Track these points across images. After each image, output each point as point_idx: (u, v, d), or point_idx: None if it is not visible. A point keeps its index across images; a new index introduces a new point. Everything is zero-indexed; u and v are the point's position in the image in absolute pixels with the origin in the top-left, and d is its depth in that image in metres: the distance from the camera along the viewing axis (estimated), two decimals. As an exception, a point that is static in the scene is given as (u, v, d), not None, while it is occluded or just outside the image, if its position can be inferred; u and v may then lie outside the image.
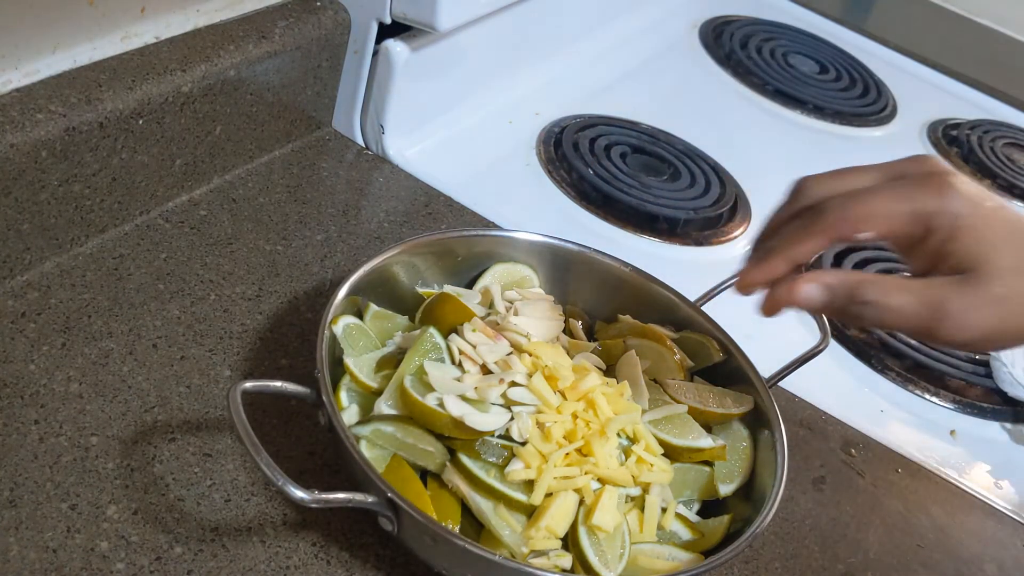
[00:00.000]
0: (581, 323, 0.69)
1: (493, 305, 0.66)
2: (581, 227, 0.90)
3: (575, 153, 0.97)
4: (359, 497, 0.51)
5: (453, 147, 0.94)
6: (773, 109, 1.21)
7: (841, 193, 0.53)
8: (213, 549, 0.54)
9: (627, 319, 0.70)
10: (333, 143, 0.88)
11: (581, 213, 0.92)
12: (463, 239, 0.69)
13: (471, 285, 0.70)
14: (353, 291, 0.62)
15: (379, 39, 0.84)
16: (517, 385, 0.58)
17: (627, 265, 0.71)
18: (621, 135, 1.02)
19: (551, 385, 0.59)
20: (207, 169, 0.77)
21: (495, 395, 0.57)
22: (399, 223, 0.82)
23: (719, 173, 1.02)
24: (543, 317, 0.65)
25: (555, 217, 0.91)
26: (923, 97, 1.37)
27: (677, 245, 0.92)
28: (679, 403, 0.63)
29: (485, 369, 0.60)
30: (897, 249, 0.54)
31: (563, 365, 0.60)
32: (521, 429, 0.56)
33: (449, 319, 0.63)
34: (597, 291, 0.71)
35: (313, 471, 0.60)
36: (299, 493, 0.49)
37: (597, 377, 0.60)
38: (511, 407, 0.57)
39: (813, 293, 0.53)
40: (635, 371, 0.64)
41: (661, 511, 0.58)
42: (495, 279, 0.69)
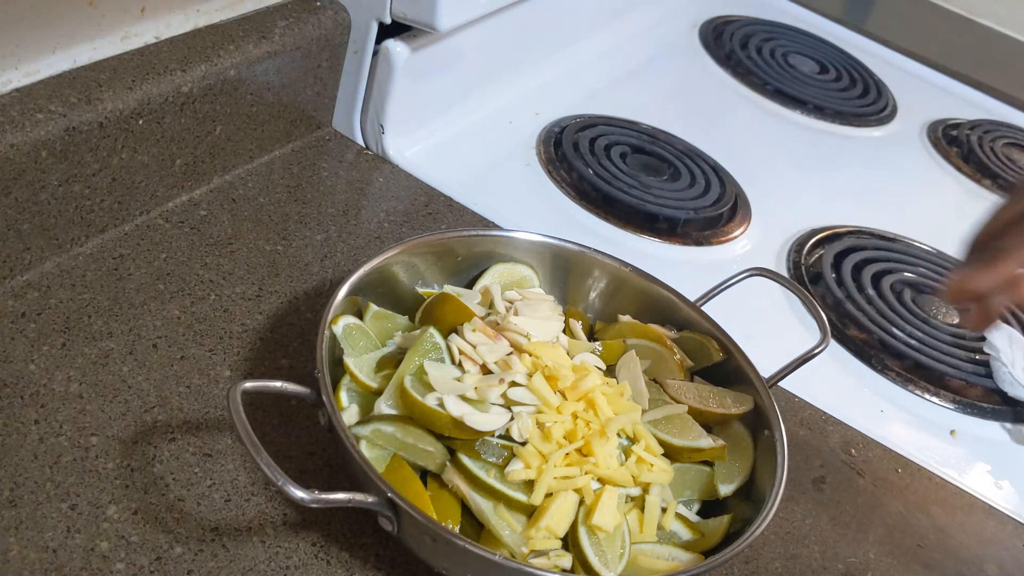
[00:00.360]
0: (581, 323, 0.69)
1: (493, 305, 0.66)
2: (581, 227, 0.90)
3: (575, 153, 0.97)
4: (359, 497, 0.51)
5: (453, 147, 0.94)
6: (773, 109, 1.21)
7: None
8: (213, 549, 0.54)
9: (627, 319, 0.70)
10: (333, 143, 0.88)
11: (581, 213, 0.92)
12: (463, 239, 0.69)
13: (471, 285, 0.70)
14: (353, 291, 0.62)
15: (379, 39, 0.84)
16: (517, 385, 0.58)
17: (627, 265, 0.71)
18: (621, 135, 1.02)
19: (551, 385, 0.59)
20: (207, 169, 0.77)
21: (495, 395, 0.57)
22: (399, 223, 0.82)
23: (719, 173, 1.02)
24: (543, 317, 0.65)
25: (555, 217, 0.91)
26: (923, 97, 1.37)
27: (677, 245, 0.92)
28: (679, 403, 0.64)
29: (485, 369, 0.60)
30: None
31: (563, 365, 0.60)
32: (521, 429, 0.56)
33: (449, 319, 0.63)
34: (597, 291, 0.71)
35: (313, 471, 0.60)
36: (299, 493, 0.49)
37: (597, 377, 0.60)
38: (511, 407, 0.57)
39: None
40: (635, 371, 0.64)
41: (661, 511, 0.58)
42: (495, 279, 0.69)
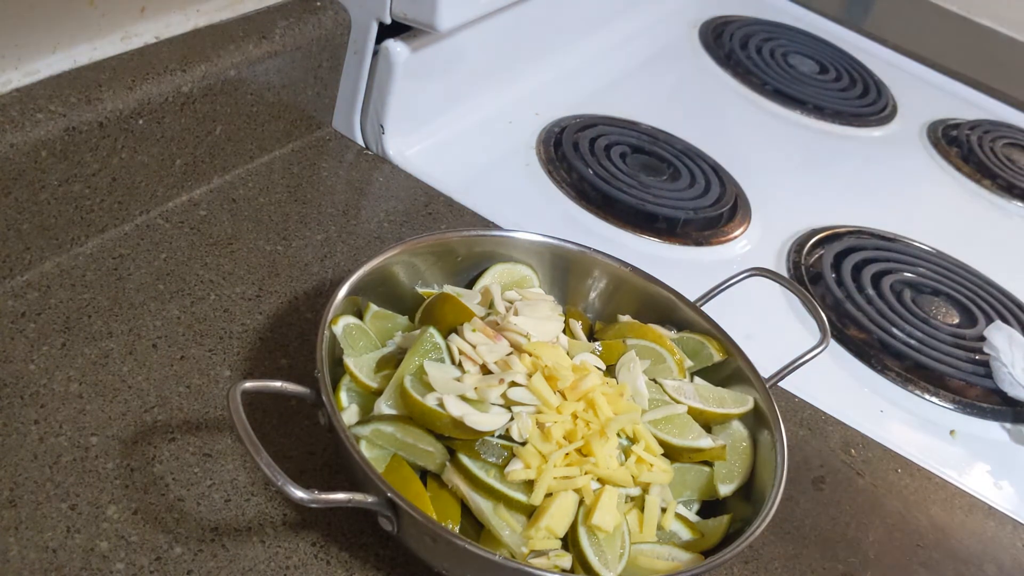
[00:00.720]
0: (581, 323, 0.69)
1: (493, 305, 0.66)
2: (581, 227, 0.90)
3: (575, 153, 0.97)
4: (359, 497, 0.51)
5: (453, 147, 0.94)
6: (773, 109, 1.21)
7: None
8: (213, 549, 0.54)
9: (627, 319, 0.70)
10: (333, 143, 0.88)
11: (581, 213, 0.92)
12: (463, 239, 0.69)
13: (471, 285, 0.70)
14: (353, 291, 0.62)
15: (379, 39, 0.84)
16: (517, 385, 0.58)
17: (627, 265, 0.71)
18: (621, 135, 1.02)
19: (551, 385, 0.59)
20: (207, 169, 0.77)
21: (495, 395, 0.57)
22: (399, 223, 0.82)
23: (719, 173, 1.02)
24: (543, 317, 0.65)
25: (555, 217, 0.91)
26: (923, 97, 1.37)
27: (677, 245, 0.92)
28: (679, 403, 0.63)
29: (485, 369, 0.60)
30: None
31: (563, 365, 0.60)
32: (521, 429, 0.56)
33: (449, 319, 0.63)
34: (597, 291, 0.71)
35: (313, 471, 0.60)
36: (299, 493, 0.49)
37: (597, 377, 0.60)
38: (511, 407, 0.57)
39: None
40: (635, 371, 0.64)
41: (661, 511, 0.58)
42: (495, 279, 0.69)
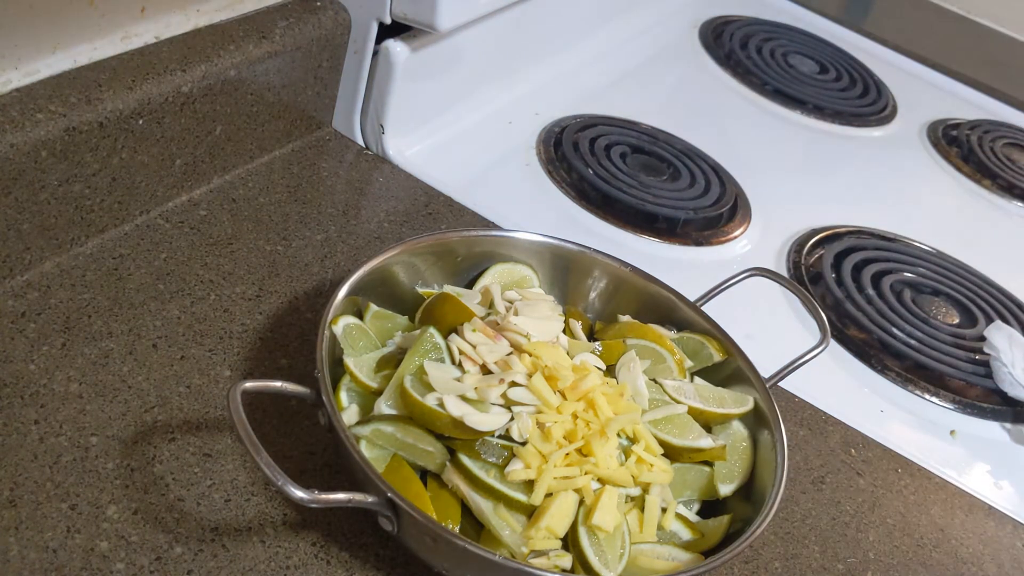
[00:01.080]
0: (581, 323, 0.69)
1: (493, 305, 0.66)
2: (581, 227, 0.90)
3: (575, 153, 0.97)
4: (359, 497, 0.51)
5: (453, 147, 0.94)
6: (773, 109, 1.21)
7: None
8: (213, 549, 0.54)
9: (627, 319, 0.70)
10: (333, 143, 0.88)
11: (581, 213, 0.92)
12: (463, 239, 0.69)
13: (471, 285, 0.70)
14: (353, 291, 0.62)
15: (379, 39, 0.84)
16: (517, 385, 0.58)
17: (627, 265, 0.71)
18: (621, 135, 1.02)
19: (551, 385, 0.59)
20: (207, 169, 0.77)
21: (495, 395, 0.57)
22: (399, 223, 0.82)
23: (719, 173, 1.02)
24: (543, 317, 0.65)
25: (555, 217, 0.91)
26: (923, 97, 1.37)
27: (677, 245, 0.92)
28: (679, 403, 0.63)
29: (485, 369, 0.60)
30: None
31: (563, 365, 0.60)
32: (521, 429, 0.56)
33: (449, 319, 0.63)
34: (597, 291, 0.71)
35: (313, 471, 0.60)
36: (299, 493, 0.49)
37: (597, 377, 0.60)
38: (511, 407, 0.57)
39: None
40: (635, 371, 0.64)
41: (661, 511, 0.58)
42: (495, 279, 0.69)
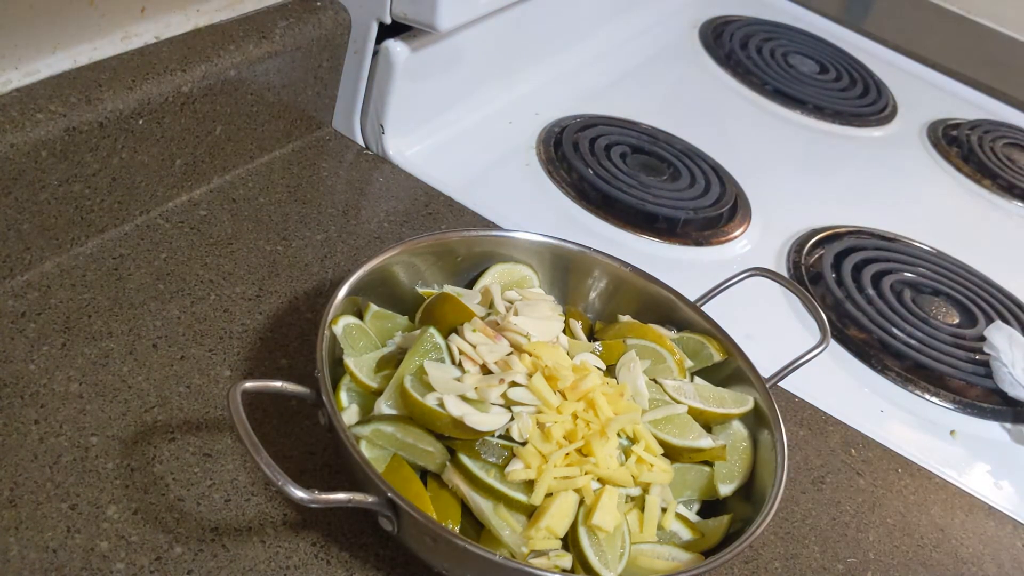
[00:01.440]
0: (581, 323, 0.69)
1: (493, 305, 0.66)
2: (581, 227, 0.90)
3: (575, 153, 0.97)
4: (359, 497, 0.51)
5: (453, 147, 0.94)
6: (773, 109, 1.21)
7: None
8: (213, 549, 0.54)
9: (627, 319, 0.70)
10: (333, 143, 0.88)
11: (581, 213, 0.92)
12: (463, 239, 0.69)
13: (471, 285, 0.70)
14: (353, 291, 0.62)
15: (379, 39, 0.84)
16: (517, 385, 0.58)
17: (627, 265, 0.71)
18: (621, 135, 1.02)
19: (551, 385, 0.59)
20: (207, 169, 0.77)
21: (495, 395, 0.57)
22: (399, 223, 0.82)
23: (719, 173, 1.02)
24: (543, 317, 0.65)
25: (555, 217, 0.91)
26: (923, 97, 1.37)
27: (677, 245, 0.92)
28: (679, 403, 0.63)
29: (485, 369, 0.60)
30: None
31: (563, 365, 0.60)
32: (521, 429, 0.56)
33: (449, 319, 0.63)
34: (597, 291, 0.71)
35: (313, 471, 0.60)
36: (299, 493, 0.49)
37: (597, 377, 0.60)
38: (511, 407, 0.57)
39: None
40: (635, 371, 0.64)
41: (661, 511, 0.58)
42: (495, 279, 0.69)
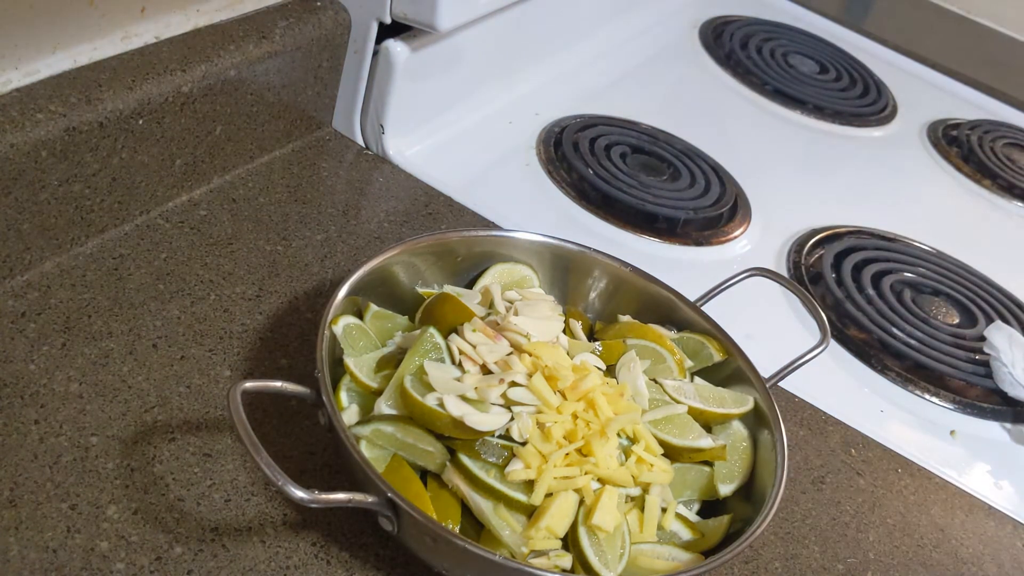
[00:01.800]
0: (581, 323, 0.69)
1: (493, 305, 0.66)
2: (581, 227, 0.90)
3: (575, 153, 0.97)
4: (359, 497, 0.51)
5: (453, 147, 0.94)
6: (773, 109, 1.21)
7: None
8: (213, 549, 0.54)
9: (627, 319, 0.70)
10: (333, 143, 0.88)
11: (581, 213, 0.92)
12: (463, 239, 0.69)
13: (471, 285, 0.70)
14: (353, 291, 0.62)
15: (379, 39, 0.84)
16: (517, 385, 0.58)
17: (627, 265, 0.71)
18: (621, 135, 1.02)
19: (551, 385, 0.59)
20: (207, 169, 0.77)
21: (495, 395, 0.57)
22: (399, 223, 0.82)
23: (719, 173, 1.02)
24: (543, 317, 0.65)
25: (555, 217, 0.91)
26: (923, 97, 1.37)
27: (677, 245, 0.92)
28: (679, 403, 0.63)
29: (485, 369, 0.60)
30: None
31: (563, 365, 0.60)
32: (521, 429, 0.56)
33: (449, 319, 0.63)
34: (597, 291, 0.71)
35: (313, 471, 0.60)
36: (299, 493, 0.49)
37: (597, 377, 0.60)
38: (511, 407, 0.57)
39: None
40: (635, 371, 0.64)
41: (661, 511, 0.58)
42: (495, 279, 0.69)
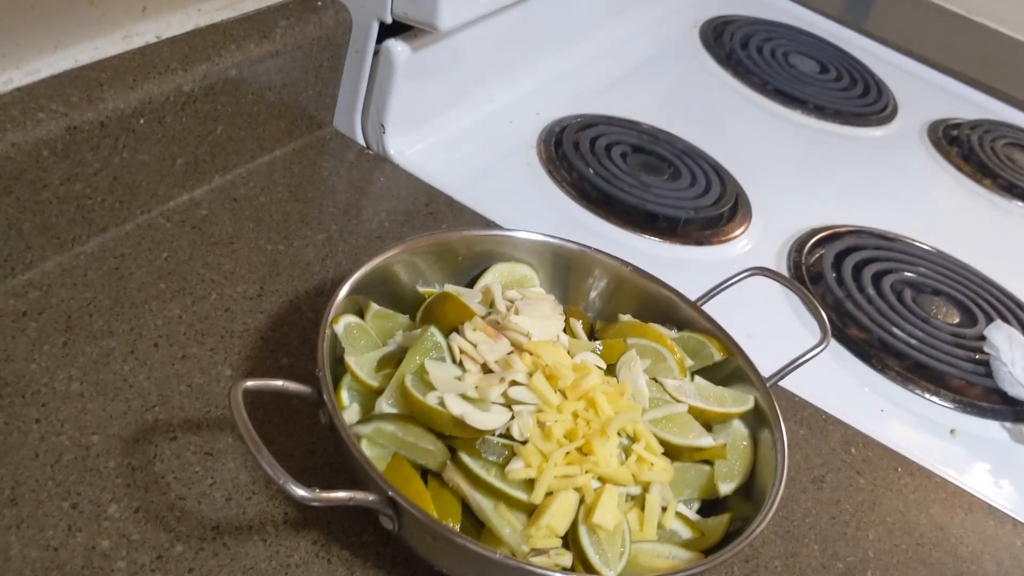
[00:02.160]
0: (582, 322, 0.69)
1: (494, 304, 0.66)
2: (581, 227, 0.90)
3: (575, 153, 0.97)
4: (360, 496, 0.51)
5: (454, 147, 0.94)
6: (773, 109, 1.21)
7: None
8: (214, 548, 0.54)
9: (627, 319, 0.70)
10: (334, 143, 0.88)
11: (581, 213, 0.92)
12: (464, 238, 0.69)
13: (472, 284, 0.70)
14: (354, 290, 0.62)
15: (380, 39, 0.84)
16: (518, 384, 0.58)
17: (627, 265, 0.71)
18: (621, 135, 1.02)
19: (552, 384, 0.59)
20: (208, 168, 0.77)
21: (496, 394, 0.57)
22: (400, 222, 0.82)
23: (719, 173, 1.02)
24: (543, 316, 0.65)
25: (555, 216, 0.91)
26: (923, 97, 1.37)
27: (677, 245, 0.92)
28: (679, 402, 0.64)
29: (486, 368, 0.60)
30: None
31: (564, 364, 0.60)
32: (522, 428, 0.56)
33: (450, 318, 0.63)
34: (597, 290, 0.71)
35: (314, 470, 0.60)
36: (300, 491, 0.49)
37: (598, 376, 0.60)
38: (512, 406, 0.57)
39: None
40: (635, 370, 0.64)
41: (661, 510, 0.58)
42: (496, 278, 0.69)
